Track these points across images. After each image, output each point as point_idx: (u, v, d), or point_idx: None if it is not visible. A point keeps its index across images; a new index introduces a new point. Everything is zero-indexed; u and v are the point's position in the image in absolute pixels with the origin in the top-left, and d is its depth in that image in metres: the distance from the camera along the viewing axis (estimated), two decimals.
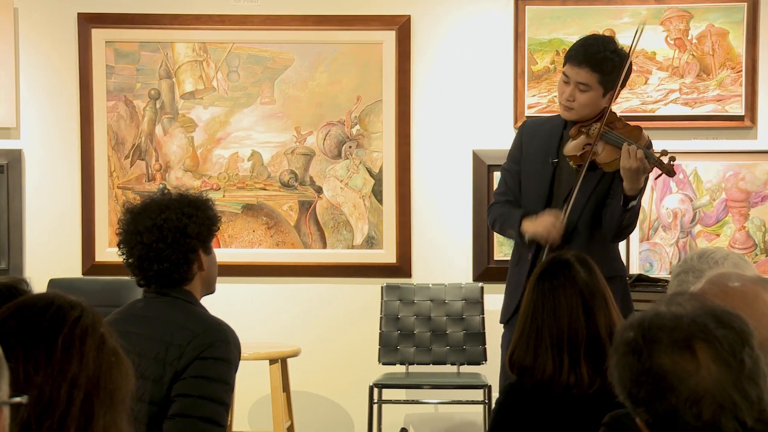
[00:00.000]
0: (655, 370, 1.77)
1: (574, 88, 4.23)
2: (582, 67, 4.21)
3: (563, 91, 4.27)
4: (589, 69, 4.21)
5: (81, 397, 1.75)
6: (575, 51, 4.26)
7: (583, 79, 4.22)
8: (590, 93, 4.24)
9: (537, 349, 3.09)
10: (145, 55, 5.97)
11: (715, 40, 5.82)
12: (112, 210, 5.95)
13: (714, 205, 5.83)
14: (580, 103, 4.24)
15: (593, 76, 4.21)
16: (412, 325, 5.79)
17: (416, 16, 5.93)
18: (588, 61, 4.21)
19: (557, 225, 4.18)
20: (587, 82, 4.22)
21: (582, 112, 4.26)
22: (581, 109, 4.25)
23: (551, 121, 4.45)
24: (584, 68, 4.21)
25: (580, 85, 4.23)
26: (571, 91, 4.24)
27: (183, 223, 3.09)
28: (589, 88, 4.23)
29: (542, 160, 4.33)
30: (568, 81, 4.24)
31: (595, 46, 4.26)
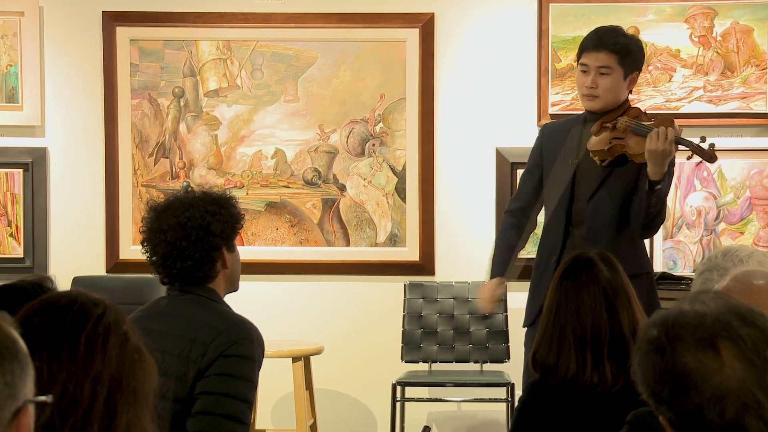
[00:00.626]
0: (678, 368, 1.76)
1: (595, 74, 4.26)
2: (600, 51, 4.26)
3: (583, 82, 4.29)
4: (608, 51, 4.25)
5: (104, 394, 1.76)
6: (590, 39, 4.32)
7: (603, 62, 4.25)
8: (612, 76, 4.26)
9: (560, 347, 3.09)
10: (169, 53, 5.99)
11: (740, 38, 5.80)
12: (136, 208, 5.98)
13: (738, 203, 5.81)
14: (603, 88, 4.26)
15: (613, 57, 4.25)
16: (435, 323, 5.79)
17: (440, 13, 5.92)
18: (605, 44, 4.26)
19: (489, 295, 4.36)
20: (608, 65, 4.25)
21: (606, 98, 4.27)
22: (605, 94, 4.26)
23: (571, 121, 4.45)
24: (603, 51, 4.26)
25: (602, 69, 4.26)
26: (593, 78, 4.26)
27: (206, 221, 3.10)
28: (610, 70, 4.26)
29: (562, 160, 4.33)
30: (587, 70, 4.28)
31: (609, 31, 4.32)
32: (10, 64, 5.96)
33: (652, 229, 4.31)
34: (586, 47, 4.31)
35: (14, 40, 5.95)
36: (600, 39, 4.28)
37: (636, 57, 4.30)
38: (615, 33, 4.31)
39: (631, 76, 4.30)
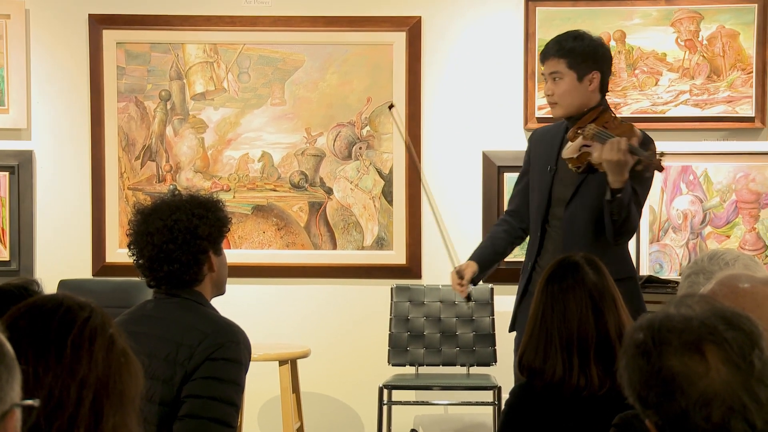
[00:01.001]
0: (664, 372, 1.77)
1: (550, 81, 4.30)
2: (549, 59, 4.31)
3: (545, 90, 4.36)
4: (555, 57, 4.29)
5: (90, 397, 1.76)
6: (545, 48, 4.37)
7: (552, 68, 4.30)
8: (565, 80, 4.27)
9: (547, 351, 3.09)
10: (155, 56, 5.98)
11: (726, 42, 5.82)
12: (122, 211, 5.96)
13: (724, 207, 5.82)
14: (558, 93, 4.29)
15: (560, 62, 4.28)
16: (421, 327, 5.79)
17: (427, 17, 5.93)
18: (550, 50, 4.31)
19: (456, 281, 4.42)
20: (557, 69, 4.29)
21: (565, 103, 4.28)
22: (562, 99, 4.29)
23: (557, 127, 4.46)
24: (551, 59, 4.30)
25: (553, 75, 4.29)
26: (549, 86, 4.31)
27: (193, 224, 3.09)
28: (561, 75, 4.28)
29: (543, 167, 4.36)
30: (545, 79, 4.34)
31: (559, 37, 4.36)
32: None
33: (623, 236, 4.25)
34: (540, 58, 4.40)
35: (0, 42, 5.94)
36: (547, 47, 4.36)
37: (588, 57, 4.27)
38: (564, 38, 4.34)
39: (588, 77, 4.28)
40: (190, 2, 5.96)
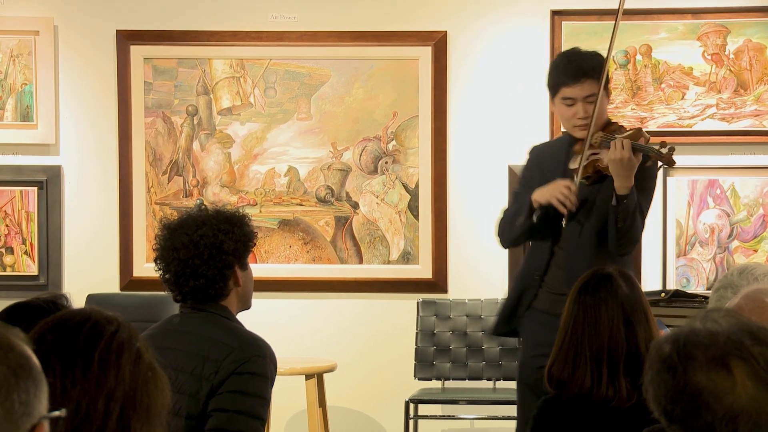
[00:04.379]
0: (690, 387, 1.76)
1: (583, 104, 4.20)
2: (584, 82, 4.20)
3: (573, 113, 4.22)
4: (591, 80, 4.20)
5: (117, 411, 1.77)
6: (570, 71, 4.21)
7: (588, 92, 4.20)
8: (599, 101, 4.22)
9: (576, 362, 3.09)
10: (182, 71, 6.01)
11: (753, 55, 5.80)
12: (149, 226, 5.99)
13: (752, 221, 5.80)
14: (595, 114, 4.21)
15: (596, 84, 4.20)
16: (448, 341, 5.79)
17: (452, 31, 5.93)
18: (586, 73, 4.20)
19: (572, 186, 4.11)
20: (594, 92, 4.20)
21: (598, 122, 4.23)
22: (597, 119, 4.21)
23: (557, 142, 4.43)
24: (586, 81, 4.20)
25: (589, 98, 4.20)
26: (583, 108, 4.20)
27: (219, 239, 3.11)
28: (596, 97, 4.20)
29: (548, 180, 4.24)
30: (573, 102, 4.21)
31: (582, 57, 4.27)
32: (25, 82, 5.99)
33: (625, 246, 4.20)
34: (565, 81, 4.22)
35: (29, 59, 5.98)
36: (579, 69, 4.22)
37: (608, 72, 4.27)
38: (589, 58, 4.26)
39: (608, 91, 4.32)
40: (217, 18, 5.99)
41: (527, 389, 4.23)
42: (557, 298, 4.17)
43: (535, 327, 4.23)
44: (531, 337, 4.26)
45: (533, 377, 4.18)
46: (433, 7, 5.93)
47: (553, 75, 4.31)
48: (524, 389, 4.25)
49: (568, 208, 4.10)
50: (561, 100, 4.25)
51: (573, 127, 4.26)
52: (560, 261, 4.23)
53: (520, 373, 4.32)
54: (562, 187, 4.10)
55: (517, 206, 4.29)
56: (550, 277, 4.24)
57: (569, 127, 4.28)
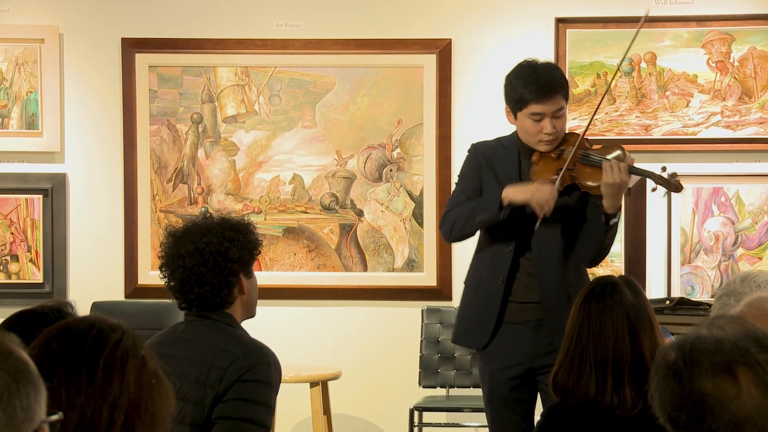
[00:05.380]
0: (695, 394, 1.76)
1: (551, 119, 4.09)
2: (554, 96, 4.09)
3: (539, 129, 4.10)
4: (561, 94, 4.11)
5: (122, 418, 1.77)
6: (539, 86, 4.08)
7: (558, 106, 4.10)
8: (565, 117, 4.16)
9: (581, 369, 3.09)
10: (187, 79, 6.02)
11: (757, 63, 5.80)
12: (154, 233, 6.00)
13: (756, 228, 5.80)
14: (560, 128, 4.13)
15: (562, 98, 4.12)
16: (452, 348, 5.78)
17: (457, 39, 5.94)
18: (557, 87, 4.10)
19: (554, 194, 4.03)
20: (561, 106, 4.12)
21: (561, 136, 4.16)
22: (561, 134, 4.15)
23: (501, 143, 4.29)
24: (556, 96, 4.09)
25: (557, 112, 4.10)
26: (551, 124, 4.09)
27: (224, 246, 3.11)
28: (563, 111, 4.13)
29: (503, 181, 4.16)
30: (541, 118, 4.10)
31: (548, 71, 4.14)
32: (30, 90, 6.00)
33: (600, 260, 4.22)
34: (535, 98, 4.08)
35: (34, 67, 5.99)
36: (549, 85, 4.09)
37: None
38: (554, 72, 4.16)
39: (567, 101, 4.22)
40: (222, 26, 6.00)
41: (501, 402, 4.17)
42: (523, 306, 4.16)
43: (504, 339, 4.17)
44: (501, 349, 4.15)
45: (507, 388, 4.15)
46: (438, 15, 5.94)
47: (518, 90, 4.12)
48: (497, 404, 4.18)
49: (545, 214, 4.03)
50: (528, 116, 4.11)
51: (538, 142, 4.14)
52: (527, 269, 4.15)
53: (491, 387, 4.19)
54: (546, 194, 4.03)
55: (476, 202, 4.17)
56: (516, 286, 4.15)
57: (533, 141, 4.14)
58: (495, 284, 4.17)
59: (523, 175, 4.18)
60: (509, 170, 4.20)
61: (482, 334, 4.21)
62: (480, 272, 4.25)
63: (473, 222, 4.17)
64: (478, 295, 4.25)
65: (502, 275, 4.16)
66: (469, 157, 4.33)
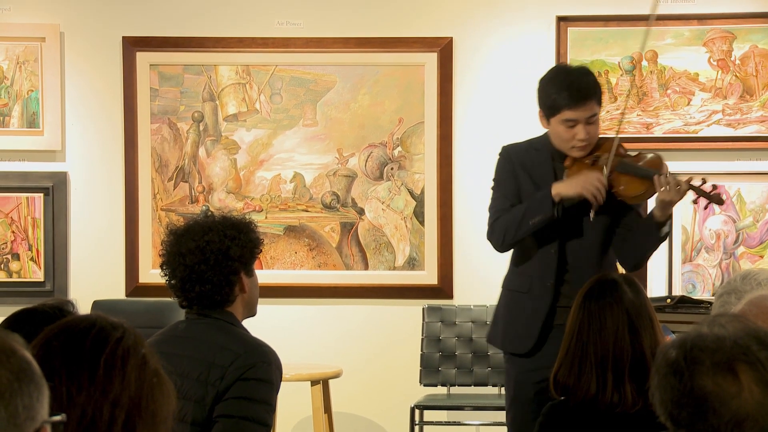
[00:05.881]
0: (696, 391, 1.76)
1: (584, 125, 4.08)
2: (587, 103, 4.07)
3: (573, 135, 4.09)
4: (594, 100, 4.09)
5: (123, 417, 1.77)
6: (572, 93, 4.07)
7: (592, 112, 4.08)
8: (598, 122, 4.14)
9: (581, 368, 3.10)
10: (188, 77, 6.02)
11: (759, 61, 5.80)
12: (155, 232, 6.00)
13: (758, 227, 5.79)
14: (594, 135, 4.12)
15: (597, 104, 4.11)
16: (453, 347, 5.78)
17: (458, 38, 5.94)
18: (590, 94, 4.09)
19: (604, 180, 4.03)
20: (595, 112, 4.10)
21: (593, 145, 4.15)
22: (594, 141, 4.13)
23: (532, 145, 4.27)
24: (590, 102, 4.08)
25: (590, 118, 4.08)
26: (584, 130, 4.08)
27: (225, 245, 3.11)
28: (596, 117, 4.11)
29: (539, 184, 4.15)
30: (575, 124, 4.08)
31: (581, 77, 4.13)
32: (31, 89, 6.00)
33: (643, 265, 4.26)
34: (568, 104, 4.06)
35: (35, 65, 5.99)
36: (583, 91, 4.07)
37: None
38: (587, 75, 4.15)
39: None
40: (223, 24, 6.00)
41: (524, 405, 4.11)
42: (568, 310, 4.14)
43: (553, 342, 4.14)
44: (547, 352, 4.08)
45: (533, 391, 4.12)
46: (439, 14, 5.94)
47: (551, 95, 4.12)
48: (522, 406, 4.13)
49: (598, 201, 4.03)
50: (561, 122, 4.10)
51: (571, 148, 4.13)
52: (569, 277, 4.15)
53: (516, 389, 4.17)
54: (595, 180, 4.03)
55: (525, 205, 4.15)
56: (566, 289, 4.13)
57: (566, 147, 4.13)
58: (544, 288, 4.16)
59: (558, 179, 4.16)
60: (544, 174, 4.18)
61: (528, 338, 4.17)
62: (529, 276, 4.21)
63: (528, 225, 4.14)
64: (527, 300, 4.21)
65: (551, 278, 4.15)
66: (501, 161, 4.32)
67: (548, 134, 4.22)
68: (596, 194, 4.03)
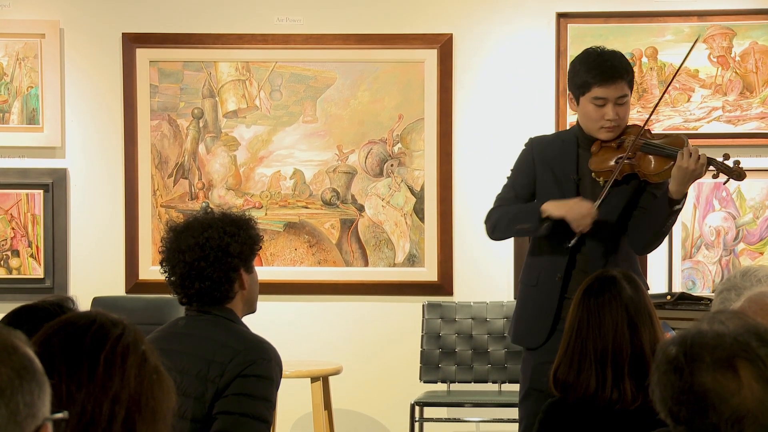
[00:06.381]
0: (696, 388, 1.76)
1: (613, 105, 4.08)
2: (618, 82, 4.08)
3: (602, 114, 4.09)
4: (624, 80, 4.10)
5: (123, 414, 1.77)
6: (605, 71, 4.08)
7: (622, 92, 4.09)
8: (628, 102, 4.14)
9: (581, 365, 3.10)
10: (188, 74, 6.01)
11: (759, 58, 5.79)
12: (155, 228, 5.99)
13: (758, 223, 5.79)
14: (623, 116, 4.12)
15: (627, 85, 4.12)
16: (453, 343, 5.79)
17: (458, 34, 5.94)
18: (621, 73, 4.09)
19: (592, 212, 4.03)
20: (626, 93, 4.11)
21: (624, 124, 4.15)
22: (623, 121, 4.13)
23: (559, 137, 4.30)
24: (620, 81, 4.08)
25: (620, 99, 4.09)
26: (613, 110, 4.08)
27: (225, 242, 3.11)
28: (627, 98, 4.12)
29: (559, 177, 4.17)
30: (605, 102, 4.08)
31: (614, 56, 4.14)
32: (31, 85, 6.00)
33: (653, 248, 4.21)
34: (598, 81, 4.07)
35: (35, 62, 5.99)
36: (614, 69, 4.08)
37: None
38: (620, 58, 4.15)
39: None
40: (223, 21, 6.00)
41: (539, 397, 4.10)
42: None
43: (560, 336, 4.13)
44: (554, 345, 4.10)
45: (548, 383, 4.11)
46: (439, 10, 5.94)
47: (582, 73, 4.12)
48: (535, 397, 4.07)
49: (580, 230, 4.03)
50: (591, 100, 4.09)
51: (599, 129, 4.11)
52: (583, 266, 4.12)
53: (532, 380, 4.15)
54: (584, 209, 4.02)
55: (519, 208, 4.19)
56: (572, 283, 4.11)
57: (595, 128, 4.12)
58: (552, 282, 4.15)
59: (581, 167, 4.16)
60: (567, 164, 4.17)
61: (539, 332, 4.18)
62: (538, 270, 4.22)
63: (515, 229, 4.20)
64: (536, 294, 4.21)
65: (559, 272, 4.14)
66: (524, 151, 4.33)
67: (577, 122, 4.23)
68: (580, 223, 4.02)
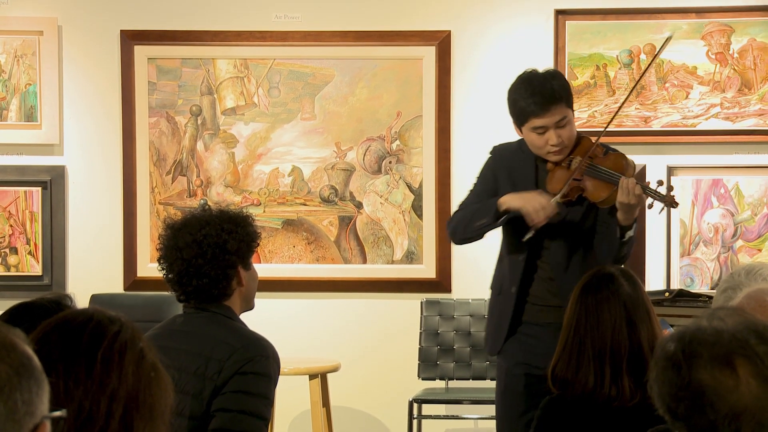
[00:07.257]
0: (694, 385, 1.76)
1: (555, 130, 4.01)
2: (553, 107, 4.00)
3: (546, 141, 4.02)
4: (562, 104, 4.02)
5: (120, 411, 1.77)
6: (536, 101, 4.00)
7: (561, 115, 4.01)
8: (571, 124, 4.07)
9: (579, 361, 3.10)
10: (186, 71, 6.01)
11: (757, 54, 5.79)
12: (153, 226, 5.99)
13: (756, 220, 5.79)
14: (567, 137, 4.04)
15: (564, 107, 4.03)
16: (451, 340, 5.79)
17: (456, 31, 5.93)
18: (556, 98, 4.01)
19: (548, 207, 3.96)
20: (564, 115, 4.03)
21: (570, 144, 4.08)
22: (569, 141, 4.07)
23: (521, 148, 4.19)
24: (556, 106, 4.00)
25: (560, 122, 4.02)
26: (556, 134, 4.01)
27: (222, 239, 3.11)
28: (566, 120, 4.04)
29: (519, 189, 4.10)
30: (545, 131, 4.02)
31: (546, 82, 4.05)
32: (29, 83, 6.00)
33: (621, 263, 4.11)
34: (534, 112, 4.00)
35: (33, 59, 5.99)
36: (547, 96, 4.00)
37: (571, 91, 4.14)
38: (552, 80, 4.06)
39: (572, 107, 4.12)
40: (221, 18, 6.00)
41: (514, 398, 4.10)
42: (543, 308, 4.11)
43: (525, 338, 4.13)
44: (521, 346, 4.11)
45: (522, 384, 4.11)
46: (437, 7, 5.94)
47: (518, 104, 4.05)
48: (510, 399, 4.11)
49: (535, 223, 3.97)
50: (531, 130, 4.04)
51: (547, 154, 4.07)
52: (547, 273, 4.11)
53: (506, 382, 4.14)
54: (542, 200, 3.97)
55: (478, 206, 4.16)
56: (535, 289, 4.11)
57: (542, 153, 4.08)
58: (510, 292, 4.15)
59: (540, 181, 4.13)
60: (526, 177, 4.15)
61: (497, 339, 4.19)
62: (501, 280, 4.24)
63: (474, 226, 4.15)
64: (498, 302, 4.23)
65: (515, 284, 4.13)
66: (488, 160, 4.30)
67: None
68: (534, 216, 3.96)
